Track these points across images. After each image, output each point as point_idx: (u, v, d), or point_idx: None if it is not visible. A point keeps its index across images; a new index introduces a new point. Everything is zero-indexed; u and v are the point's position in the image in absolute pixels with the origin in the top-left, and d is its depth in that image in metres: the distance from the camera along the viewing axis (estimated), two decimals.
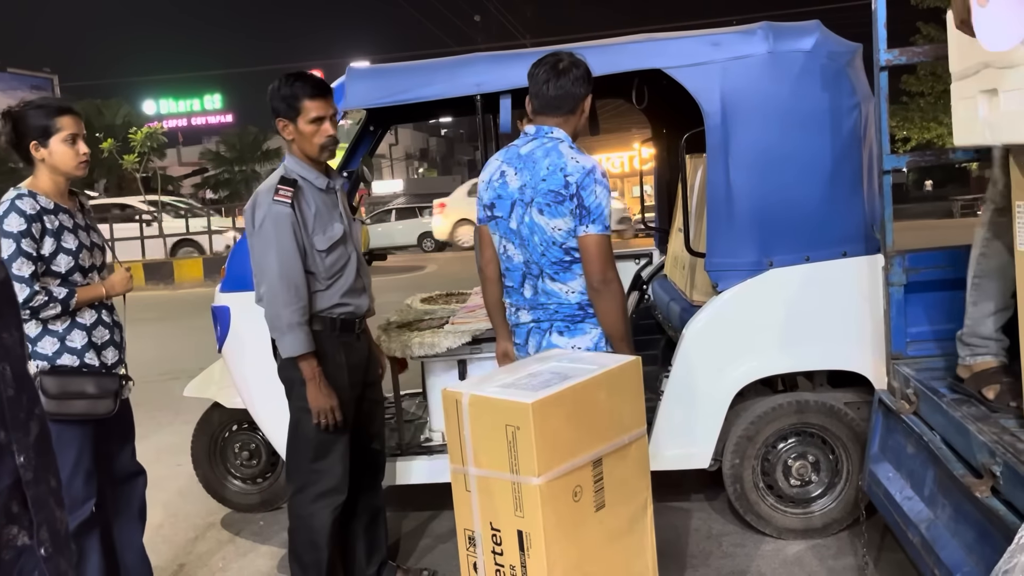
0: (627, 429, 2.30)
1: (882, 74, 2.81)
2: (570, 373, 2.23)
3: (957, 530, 2.24)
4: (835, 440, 3.38)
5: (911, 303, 2.90)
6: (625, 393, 2.31)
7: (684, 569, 3.26)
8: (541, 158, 2.57)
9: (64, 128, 2.68)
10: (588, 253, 2.52)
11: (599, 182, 2.52)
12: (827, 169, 3.23)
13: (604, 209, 2.51)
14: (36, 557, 0.96)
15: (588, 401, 2.18)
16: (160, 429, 5.89)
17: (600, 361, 2.35)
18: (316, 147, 2.81)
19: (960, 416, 2.28)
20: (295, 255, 2.73)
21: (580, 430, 2.14)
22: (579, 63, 2.60)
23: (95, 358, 2.76)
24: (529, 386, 2.13)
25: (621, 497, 2.26)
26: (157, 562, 3.67)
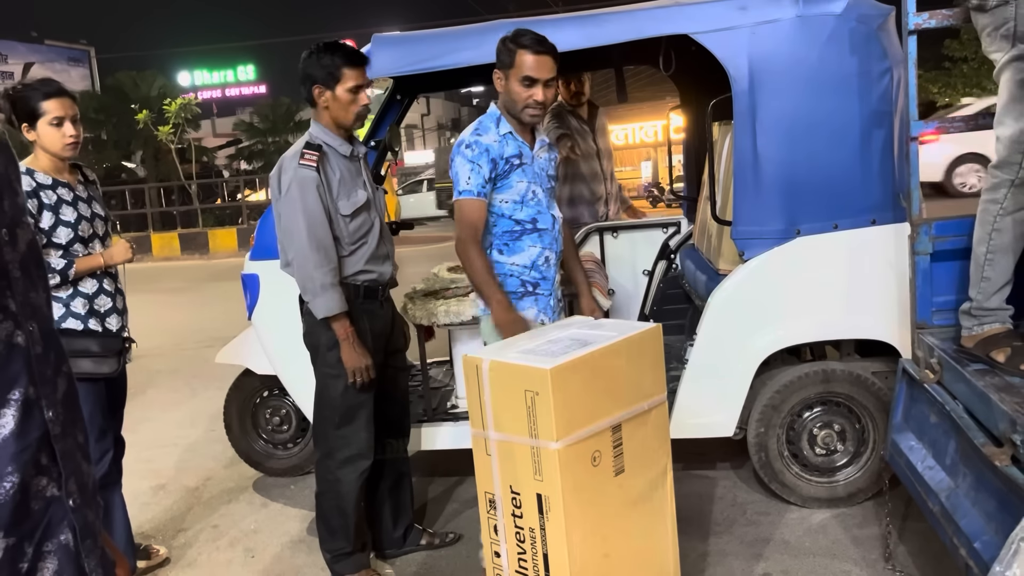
0: (647, 395, 2.31)
1: (911, 38, 2.75)
2: (590, 339, 2.25)
3: (977, 499, 2.23)
4: (861, 409, 3.36)
5: (937, 272, 2.87)
6: (645, 359, 2.32)
7: (708, 536, 3.28)
8: None
9: (50, 111, 2.76)
10: (455, 219, 2.77)
11: (460, 153, 2.71)
12: (856, 135, 3.18)
13: (459, 178, 2.70)
14: (65, 508, 1.00)
15: (607, 367, 2.18)
16: (195, 395, 6.03)
17: (621, 328, 2.36)
18: (352, 115, 2.88)
19: (983, 385, 2.26)
20: (323, 217, 2.77)
21: (599, 396, 2.15)
22: (503, 39, 2.74)
23: (98, 324, 2.91)
24: (549, 352, 2.16)
25: (640, 463, 2.28)
26: (191, 524, 3.80)
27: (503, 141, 2.73)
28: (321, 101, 2.86)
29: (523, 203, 2.77)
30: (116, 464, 3.12)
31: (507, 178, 2.73)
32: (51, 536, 0.99)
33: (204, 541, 3.62)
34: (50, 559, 0.99)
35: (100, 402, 2.90)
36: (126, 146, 29.38)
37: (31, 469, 0.96)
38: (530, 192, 2.78)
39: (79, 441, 1.04)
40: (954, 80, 24.36)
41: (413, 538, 3.34)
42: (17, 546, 0.95)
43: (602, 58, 4.31)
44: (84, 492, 1.03)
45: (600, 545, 2.19)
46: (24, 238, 1.00)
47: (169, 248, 19.17)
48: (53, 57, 37.22)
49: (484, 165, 2.67)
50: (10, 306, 0.96)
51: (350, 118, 2.88)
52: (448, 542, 3.37)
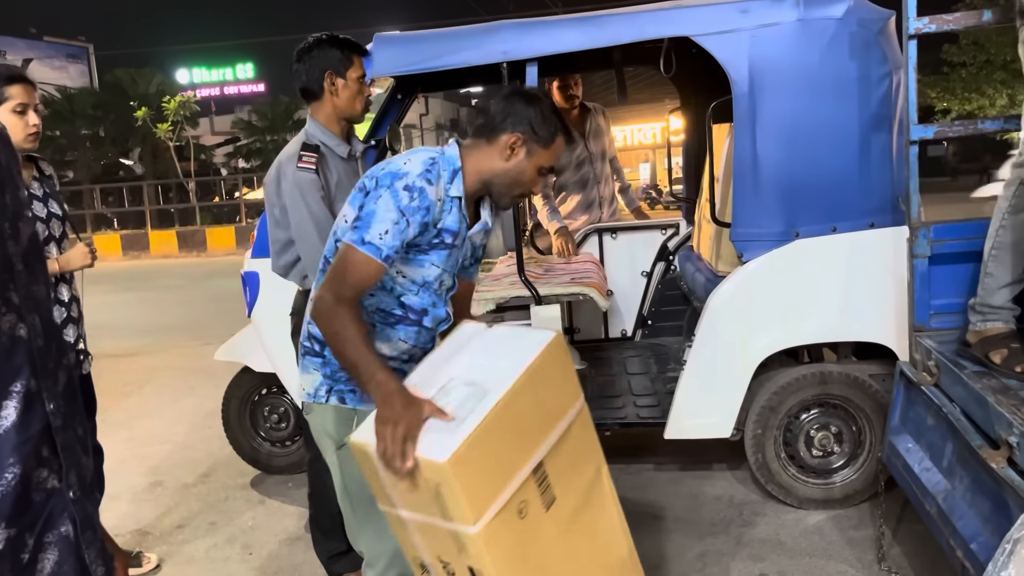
0: (563, 414, 1.97)
1: (911, 42, 2.76)
2: (486, 380, 1.84)
3: (974, 501, 2.24)
4: (858, 412, 3.38)
5: (935, 275, 2.88)
6: (553, 380, 1.94)
7: (704, 536, 3.30)
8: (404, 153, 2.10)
9: (13, 97, 2.58)
10: (333, 263, 1.96)
11: (392, 189, 1.91)
12: (856, 139, 3.20)
13: (373, 221, 1.90)
14: (65, 499, 1.01)
15: (513, 415, 1.81)
16: (192, 392, 6.04)
17: (519, 350, 1.89)
18: (359, 105, 2.83)
19: (980, 388, 2.28)
20: (329, 218, 2.66)
21: (511, 451, 1.83)
22: (533, 101, 2.05)
23: None
24: (442, 427, 1.77)
25: (571, 480, 2.00)
26: (189, 520, 3.80)
27: (448, 206, 2.01)
28: (331, 89, 2.77)
29: (422, 289, 2.08)
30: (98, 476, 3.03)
31: (424, 254, 2.03)
32: (52, 527, 1.00)
33: (202, 538, 3.63)
34: (51, 550, 1.00)
35: None
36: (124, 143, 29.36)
37: (32, 461, 0.97)
38: (438, 282, 2.10)
39: (79, 434, 1.05)
40: (952, 85, 24.40)
41: None
42: (18, 537, 0.95)
43: (603, 60, 4.33)
44: (84, 484, 1.04)
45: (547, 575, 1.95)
46: (26, 232, 1.01)
47: (167, 246, 19.18)
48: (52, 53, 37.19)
49: (413, 225, 1.93)
50: (13, 299, 0.96)
51: (358, 108, 2.83)
52: None
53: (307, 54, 2.77)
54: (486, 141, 2.04)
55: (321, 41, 2.77)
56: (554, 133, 2.05)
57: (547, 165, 2.09)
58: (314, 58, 2.76)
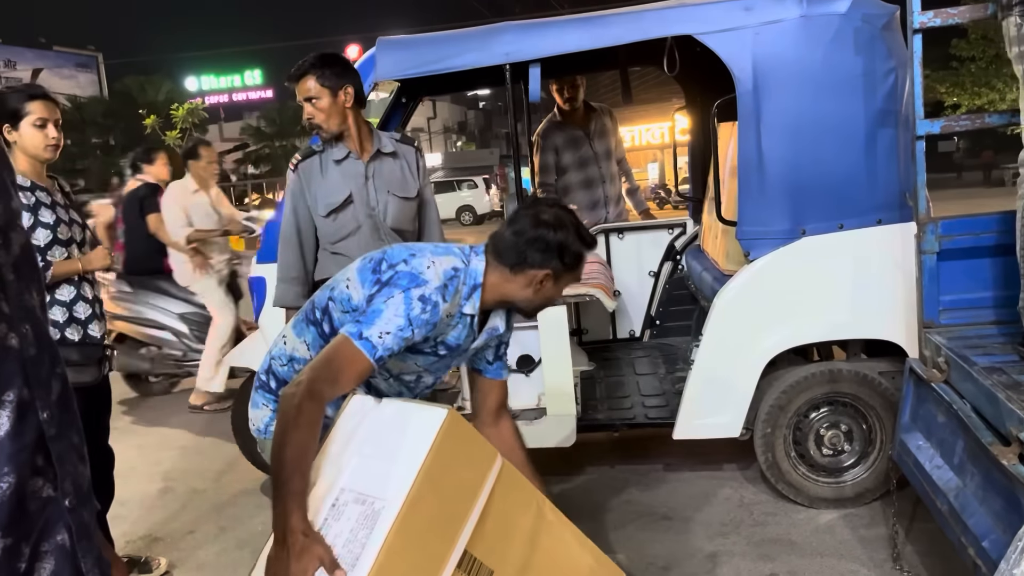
0: (477, 492, 1.73)
1: (916, 37, 2.74)
2: (380, 494, 1.64)
3: (985, 498, 2.22)
4: (868, 409, 3.35)
5: (944, 271, 2.86)
6: (456, 466, 1.70)
7: (715, 537, 3.28)
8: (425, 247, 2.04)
9: (34, 112, 2.78)
10: (324, 351, 1.87)
11: (407, 295, 1.86)
12: (861, 135, 3.18)
13: (378, 320, 1.83)
14: (61, 508, 1.00)
15: (416, 530, 1.62)
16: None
17: (410, 444, 1.67)
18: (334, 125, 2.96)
19: (991, 384, 2.26)
20: (289, 216, 3.03)
21: (422, 563, 1.63)
22: (559, 226, 1.97)
23: (77, 332, 2.88)
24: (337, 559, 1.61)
25: (506, 546, 1.79)
26: (199, 526, 3.81)
27: (456, 321, 1.98)
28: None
29: (393, 379, 2.09)
30: (100, 476, 3.04)
31: (412, 354, 2.02)
32: (48, 536, 0.99)
33: (212, 543, 3.63)
34: (47, 559, 0.99)
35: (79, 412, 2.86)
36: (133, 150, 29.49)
37: (27, 470, 0.97)
38: (414, 376, 2.10)
39: (74, 442, 1.04)
40: (962, 80, 24.28)
41: None
42: (14, 546, 0.95)
43: (607, 60, 4.32)
44: (80, 493, 1.03)
45: None
46: (18, 241, 1.01)
47: None
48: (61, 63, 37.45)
49: (416, 336, 1.88)
50: (4, 308, 0.96)
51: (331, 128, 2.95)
52: None
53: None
54: (510, 270, 1.98)
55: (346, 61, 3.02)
56: (581, 257, 2.02)
57: (575, 282, 2.08)
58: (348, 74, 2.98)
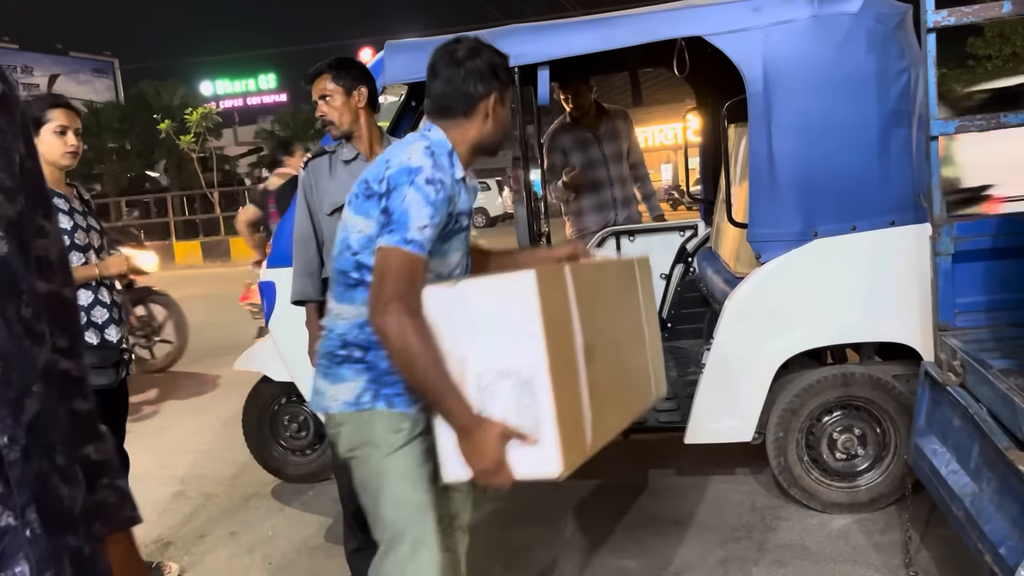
0: (569, 305, 1.91)
1: (930, 36, 2.70)
2: (518, 365, 1.78)
3: (1002, 504, 2.18)
4: (882, 413, 3.31)
5: (959, 273, 2.82)
6: (555, 303, 1.84)
7: (727, 542, 3.25)
8: (391, 148, 2.05)
9: (54, 120, 2.84)
10: (375, 270, 1.89)
11: (416, 185, 1.88)
12: (874, 136, 3.15)
13: (410, 220, 1.86)
14: (21, 538, 0.93)
15: (563, 373, 1.80)
16: (215, 401, 6.08)
17: (520, 314, 1.78)
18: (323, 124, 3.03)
19: (1007, 388, 2.22)
20: (303, 212, 3.04)
21: (572, 386, 1.85)
22: (478, 52, 2.01)
23: (95, 336, 2.92)
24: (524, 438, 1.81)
25: (581, 319, 1.93)
26: (210, 530, 3.81)
27: (460, 191, 2.01)
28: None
29: (442, 279, 2.03)
30: None
31: (447, 242, 2.01)
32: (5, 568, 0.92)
33: (223, 547, 3.63)
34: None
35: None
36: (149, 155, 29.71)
37: None
38: (459, 267, 2.10)
39: (58, 464, 0.95)
40: (978, 79, 24.05)
41: None
42: None
43: (617, 61, 4.30)
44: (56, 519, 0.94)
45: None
46: None
47: (192, 256, 19.37)
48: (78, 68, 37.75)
49: (441, 215, 1.92)
50: None
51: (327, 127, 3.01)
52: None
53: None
54: (463, 116, 2.01)
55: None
56: (508, 66, 2.08)
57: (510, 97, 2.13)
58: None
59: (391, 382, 1.97)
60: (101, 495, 1.09)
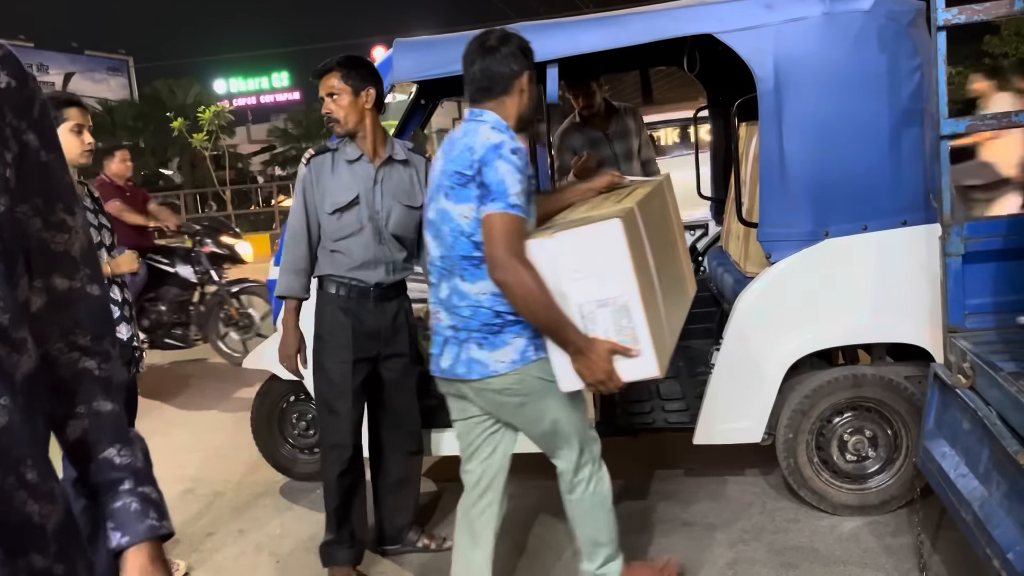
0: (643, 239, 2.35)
1: (940, 34, 2.67)
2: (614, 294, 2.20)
3: (1011, 508, 2.16)
4: (893, 415, 3.28)
5: (970, 274, 2.78)
6: (636, 240, 2.26)
7: (736, 544, 3.23)
8: (459, 138, 2.35)
9: (71, 118, 2.87)
10: (486, 235, 2.20)
11: (504, 157, 2.20)
12: (886, 135, 3.11)
13: (507, 187, 2.18)
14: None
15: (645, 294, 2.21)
16: (228, 399, 6.09)
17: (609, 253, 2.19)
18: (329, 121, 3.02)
19: (1016, 391, 2.19)
20: (300, 209, 3.03)
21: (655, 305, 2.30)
22: (508, 39, 2.38)
23: None
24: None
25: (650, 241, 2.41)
26: (218, 528, 3.82)
27: (526, 159, 2.31)
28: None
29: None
30: None
31: (529, 200, 2.34)
32: None
33: (231, 545, 3.64)
34: None
35: None
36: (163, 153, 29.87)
37: None
38: (529, 223, 2.35)
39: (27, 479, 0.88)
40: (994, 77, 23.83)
41: (410, 539, 3.38)
42: None
43: (627, 59, 4.27)
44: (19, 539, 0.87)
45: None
46: None
47: None
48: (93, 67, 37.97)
49: (527, 178, 2.26)
50: None
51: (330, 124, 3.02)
52: (446, 547, 3.37)
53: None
54: (504, 94, 2.36)
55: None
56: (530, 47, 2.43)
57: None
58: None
59: (539, 335, 2.31)
60: (122, 502, 1.01)
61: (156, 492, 1.05)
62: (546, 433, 2.48)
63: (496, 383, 2.36)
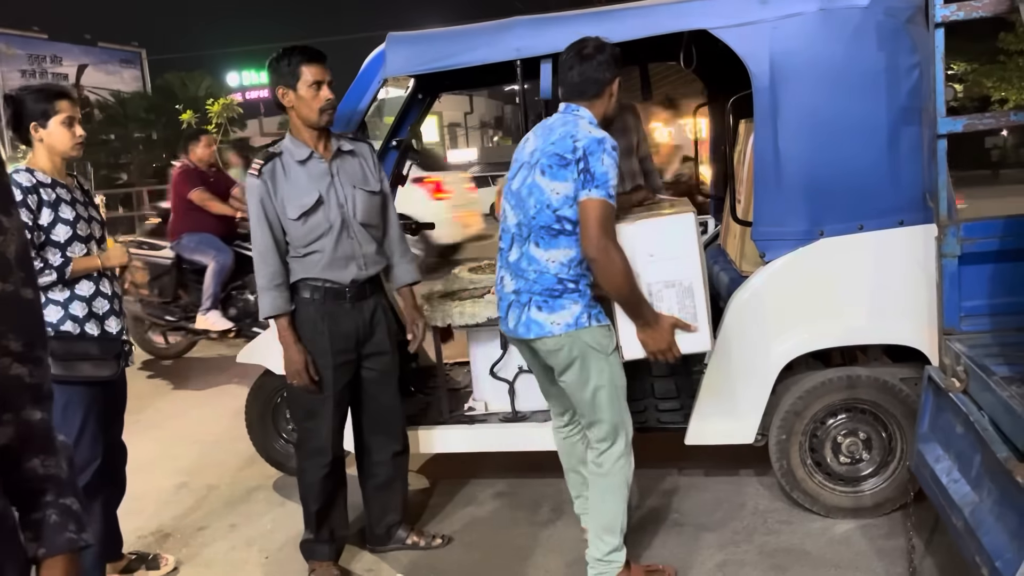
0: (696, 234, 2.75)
1: (938, 31, 2.62)
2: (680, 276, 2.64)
3: (1002, 515, 2.12)
4: (888, 417, 3.24)
5: (966, 275, 2.74)
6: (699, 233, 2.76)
7: (727, 545, 3.19)
8: (558, 127, 2.67)
9: (62, 111, 2.84)
10: (587, 218, 2.52)
11: (608, 152, 2.55)
12: (883, 133, 3.06)
13: (609, 178, 2.52)
14: None
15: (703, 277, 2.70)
16: (227, 392, 6.08)
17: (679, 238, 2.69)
18: (316, 111, 2.93)
19: (1008, 396, 2.15)
20: (264, 223, 2.92)
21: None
22: (603, 48, 2.68)
23: (96, 327, 2.91)
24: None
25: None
26: (210, 522, 3.81)
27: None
28: (286, 102, 2.95)
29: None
30: (110, 473, 3.04)
31: None
32: None
33: (221, 540, 3.63)
34: None
35: (95, 407, 2.87)
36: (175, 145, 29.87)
37: None
38: None
39: None
40: (1009, 74, 23.54)
41: (399, 536, 3.35)
42: None
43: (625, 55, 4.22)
44: None
45: None
46: None
47: None
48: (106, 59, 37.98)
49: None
50: None
51: (315, 114, 2.94)
52: (436, 545, 3.35)
53: (268, 73, 2.98)
54: (596, 97, 2.69)
55: (275, 58, 2.94)
56: (620, 55, 2.72)
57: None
58: (269, 75, 2.97)
59: (595, 304, 2.66)
60: (42, 513, 1.01)
61: (77, 503, 1.04)
62: (587, 400, 2.73)
63: (551, 343, 2.65)
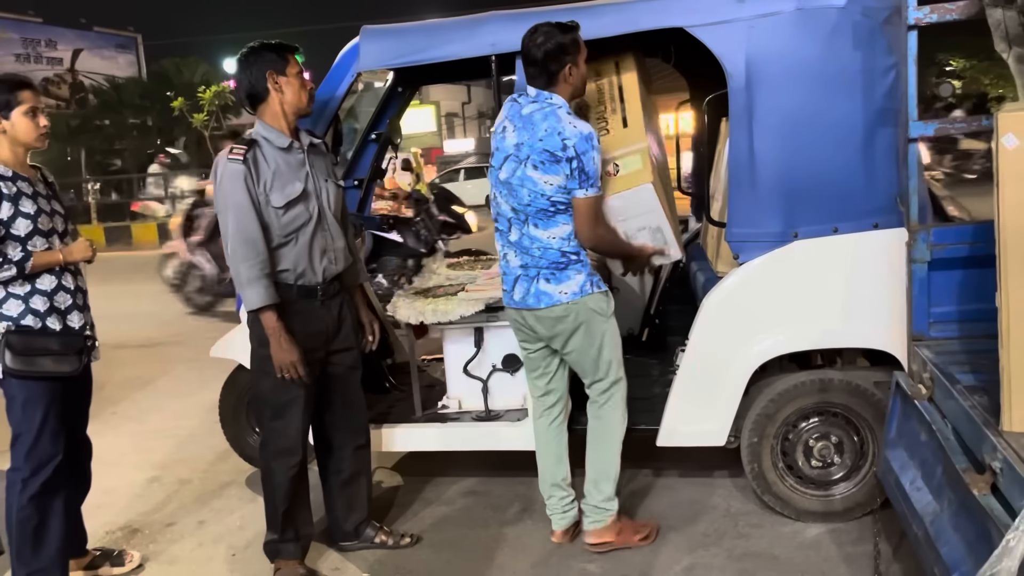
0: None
1: (911, 34, 2.59)
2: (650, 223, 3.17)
3: (959, 526, 2.09)
4: (860, 421, 3.21)
5: (935, 281, 2.71)
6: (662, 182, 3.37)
7: (695, 548, 3.18)
8: (540, 121, 2.84)
9: (25, 101, 2.79)
10: (580, 213, 2.84)
11: (595, 148, 2.81)
12: (859, 135, 3.03)
13: (599, 173, 2.84)
14: None
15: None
16: (206, 386, 6.00)
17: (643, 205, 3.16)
18: (304, 99, 2.95)
19: (969, 406, 2.12)
20: (250, 210, 2.82)
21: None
22: (563, 29, 2.87)
23: (58, 322, 2.86)
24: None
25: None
26: (179, 518, 3.79)
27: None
28: (275, 87, 2.91)
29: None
30: (73, 469, 3.01)
31: None
32: None
33: (189, 536, 3.61)
34: None
35: (56, 403, 2.83)
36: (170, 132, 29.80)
37: None
38: None
39: None
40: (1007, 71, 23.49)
41: (367, 535, 3.32)
42: None
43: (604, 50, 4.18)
44: None
45: None
46: None
47: None
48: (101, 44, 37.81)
49: None
50: None
51: (303, 101, 2.95)
52: (404, 544, 3.33)
53: (245, 62, 2.92)
54: (559, 78, 2.88)
55: (255, 48, 2.92)
56: (578, 33, 2.91)
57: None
58: (253, 63, 2.91)
59: (594, 272, 2.99)
60: None
61: None
62: (592, 359, 3.02)
63: (559, 311, 2.93)
